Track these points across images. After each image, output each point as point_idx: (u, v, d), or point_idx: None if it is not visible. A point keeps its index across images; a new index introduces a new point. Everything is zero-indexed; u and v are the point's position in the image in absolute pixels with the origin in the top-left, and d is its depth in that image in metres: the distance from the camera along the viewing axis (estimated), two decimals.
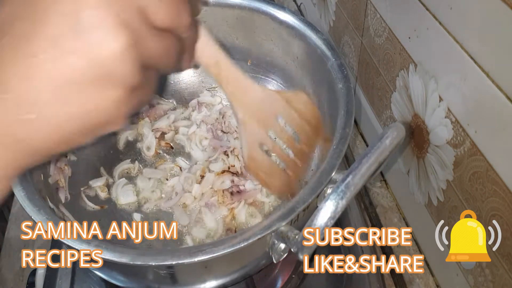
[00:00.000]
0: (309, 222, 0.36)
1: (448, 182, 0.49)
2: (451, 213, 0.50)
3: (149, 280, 0.45)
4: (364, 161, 0.38)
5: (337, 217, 0.36)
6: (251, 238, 0.39)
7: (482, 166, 0.43)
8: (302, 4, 0.96)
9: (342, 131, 0.47)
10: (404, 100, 0.56)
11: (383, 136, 0.39)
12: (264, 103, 0.48)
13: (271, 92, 0.50)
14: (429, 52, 0.49)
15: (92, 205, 0.58)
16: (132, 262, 0.38)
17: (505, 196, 0.40)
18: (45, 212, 0.42)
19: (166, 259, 0.38)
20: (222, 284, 0.46)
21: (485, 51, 0.40)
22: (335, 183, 0.42)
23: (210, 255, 0.38)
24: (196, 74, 0.70)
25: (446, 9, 0.44)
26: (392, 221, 0.64)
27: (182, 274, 0.44)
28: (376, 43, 0.61)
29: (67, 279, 0.55)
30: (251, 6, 0.63)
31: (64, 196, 0.54)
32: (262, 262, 0.47)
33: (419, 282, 0.58)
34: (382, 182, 0.69)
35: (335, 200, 0.36)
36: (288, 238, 0.38)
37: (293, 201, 0.41)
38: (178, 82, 0.70)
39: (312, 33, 0.58)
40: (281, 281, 0.55)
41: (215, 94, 0.70)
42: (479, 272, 0.47)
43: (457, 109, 0.45)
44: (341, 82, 0.52)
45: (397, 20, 0.55)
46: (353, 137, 0.75)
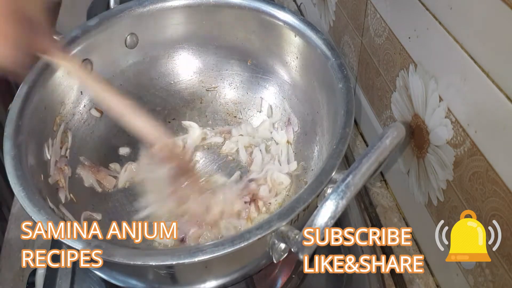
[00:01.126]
0: (309, 222, 0.36)
1: (448, 182, 0.49)
2: (451, 213, 0.50)
3: (149, 280, 0.45)
4: (364, 161, 0.38)
5: (337, 217, 0.36)
6: (251, 238, 0.39)
7: (482, 166, 0.43)
8: (302, 4, 0.96)
9: (342, 131, 0.47)
10: (404, 100, 0.56)
11: (383, 136, 0.39)
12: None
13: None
14: (429, 52, 0.49)
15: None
16: (133, 262, 0.38)
17: (505, 196, 0.40)
18: (46, 212, 0.42)
19: (166, 259, 0.38)
20: (222, 284, 0.46)
21: (485, 51, 0.40)
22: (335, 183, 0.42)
23: (210, 255, 0.38)
24: (195, 74, 0.70)
25: (446, 9, 0.44)
26: (392, 221, 0.64)
27: (182, 274, 0.44)
28: (376, 43, 0.61)
29: (67, 279, 0.55)
30: (251, 6, 0.63)
31: (64, 196, 0.54)
32: (262, 262, 0.47)
33: (419, 282, 0.58)
34: (382, 182, 0.69)
35: (335, 200, 0.36)
36: (288, 238, 0.38)
37: (293, 201, 0.41)
38: (177, 82, 0.70)
39: (312, 33, 0.58)
40: (281, 281, 0.55)
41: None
42: (479, 272, 0.47)
43: (457, 109, 0.45)
44: (341, 82, 0.52)
45: (397, 20, 0.55)
46: (353, 137, 0.75)
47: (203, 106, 0.71)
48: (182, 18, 0.66)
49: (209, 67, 0.70)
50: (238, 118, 0.70)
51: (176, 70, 0.70)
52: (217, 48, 0.69)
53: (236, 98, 0.70)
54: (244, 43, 0.67)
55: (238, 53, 0.68)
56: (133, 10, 0.63)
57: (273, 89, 0.67)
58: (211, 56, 0.69)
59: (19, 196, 0.43)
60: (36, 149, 0.52)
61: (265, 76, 0.68)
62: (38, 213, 0.42)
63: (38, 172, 0.50)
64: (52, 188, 0.53)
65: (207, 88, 0.71)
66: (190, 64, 0.70)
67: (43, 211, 0.42)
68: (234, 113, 0.70)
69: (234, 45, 0.68)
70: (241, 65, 0.69)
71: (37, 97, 0.53)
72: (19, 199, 0.43)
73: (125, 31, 0.63)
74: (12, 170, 0.45)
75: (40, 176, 0.50)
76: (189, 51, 0.69)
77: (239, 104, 0.70)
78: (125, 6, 0.63)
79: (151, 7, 0.63)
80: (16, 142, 0.48)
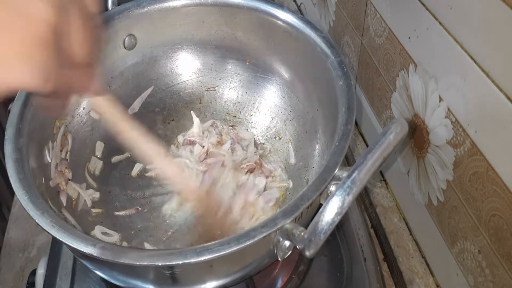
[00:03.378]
0: (316, 218, 0.36)
1: (448, 182, 0.49)
2: (451, 213, 0.50)
3: (150, 280, 0.45)
4: (369, 157, 0.38)
5: (343, 212, 0.36)
6: (257, 236, 0.39)
7: (482, 166, 0.43)
8: (302, 4, 0.96)
9: (344, 128, 0.47)
10: (404, 100, 0.56)
11: (387, 131, 0.39)
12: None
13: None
14: (429, 52, 0.49)
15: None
16: (139, 263, 0.38)
17: (505, 196, 0.40)
18: (49, 215, 0.42)
19: (173, 259, 0.38)
20: (223, 284, 0.46)
21: (485, 51, 0.40)
22: (338, 180, 0.43)
23: (216, 254, 0.38)
24: (195, 74, 0.70)
25: (446, 9, 0.44)
26: (392, 221, 0.64)
27: (185, 273, 0.44)
28: (376, 43, 0.61)
29: (67, 279, 0.55)
30: (250, 6, 0.63)
31: (65, 199, 0.54)
32: (266, 261, 0.47)
33: (419, 282, 0.58)
34: (382, 182, 0.69)
35: (342, 196, 0.36)
36: (293, 235, 0.38)
37: (297, 199, 0.42)
38: (176, 83, 0.70)
39: (311, 31, 0.58)
40: (281, 281, 0.55)
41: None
42: (479, 272, 0.47)
43: (457, 109, 0.45)
44: (342, 79, 0.52)
45: (397, 20, 0.55)
46: (353, 137, 0.75)
47: (202, 106, 0.71)
48: (181, 18, 0.66)
49: (208, 67, 0.70)
50: (237, 117, 0.70)
51: (175, 70, 0.70)
52: (215, 48, 0.69)
53: (236, 98, 0.70)
54: (243, 43, 0.67)
55: (237, 53, 0.68)
56: (131, 11, 0.62)
57: (273, 88, 0.67)
58: (210, 56, 0.69)
59: (22, 200, 0.43)
60: (37, 152, 0.51)
61: (265, 76, 0.68)
62: (41, 216, 0.42)
63: (39, 175, 0.50)
64: (53, 191, 0.53)
65: (206, 88, 0.71)
66: (189, 65, 0.70)
67: (47, 214, 0.42)
68: (233, 113, 0.70)
69: (233, 45, 0.67)
70: (240, 65, 0.69)
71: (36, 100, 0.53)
72: (22, 202, 0.43)
73: (123, 32, 0.63)
74: (14, 174, 0.45)
75: (41, 179, 0.50)
76: (188, 52, 0.69)
77: (238, 103, 0.70)
78: (123, 7, 0.62)
79: (149, 8, 0.63)
80: (17, 145, 0.48)
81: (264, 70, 0.67)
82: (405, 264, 0.60)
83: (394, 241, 0.62)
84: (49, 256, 0.58)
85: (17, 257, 0.67)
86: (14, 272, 0.65)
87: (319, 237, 0.36)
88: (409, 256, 0.60)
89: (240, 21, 0.65)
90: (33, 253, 0.67)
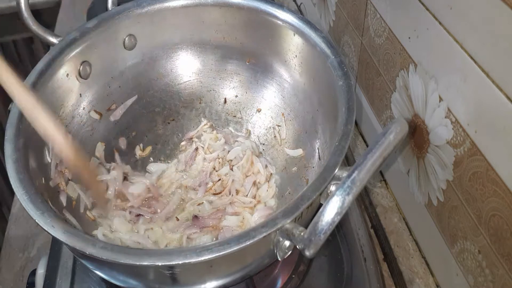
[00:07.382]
0: (316, 218, 0.36)
1: (448, 182, 0.49)
2: (451, 213, 0.50)
3: (150, 280, 0.45)
4: (369, 157, 0.38)
5: (343, 212, 0.36)
6: (257, 236, 0.39)
7: (482, 166, 0.43)
8: (302, 4, 0.96)
9: (344, 128, 0.47)
10: (404, 100, 0.56)
11: (387, 131, 0.40)
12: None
13: None
14: (429, 52, 0.49)
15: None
16: (139, 263, 0.38)
17: (505, 196, 0.40)
18: (49, 215, 0.42)
19: (173, 259, 0.38)
20: (223, 284, 0.46)
21: (485, 51, 0.40)
22: (338, 180, 0.43)
23: (216, 254, 0.38)
24: (195, 74, 0.70)
25: (446, 9, 0.44)
26: (392, 221, 0.64)
27: (185, 273, 0.44)
28: (376, 43, 0.61)
29: (67, 279, 0.55)
30: (250, 6, 0.63)
31: (66, 199, 0.54)
32: (266, 261, 0.47)
33: (419, 282, 0.58)
34: (382, 182, 0.69)
35: (342, 196, 0.36)
36: (294, 235, 0.39)
37: (297, 198, 0.42)
38: (176, 83, 0.70)
39: (311, 31, 0.58)
40: (281, 281, 0.55)
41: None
42: (479, 272, 0.47)
43: (457, 109, 0.45)
44: (342, 79, 0.52)
45: (397, 20, 0.55)
46: (353, 137, 0.75)
47: (202, 106, 0.71)
48: (181, 18, 0.66)
49: (208, 67, 0.70)
50: (237, 117, 0.70)
51: (175, 70, 0.69)
52: (216, 48, 0.69)
53: (236, 98, 0.70)
54: (243, 43, 0.67)
55: (237, 53, 0.68)
56: (131, 11, 0.62)
57: (273, 88, 0.67)
58: (210, 56, 0.69)
59: (22, 200, 0.43)
60: (37, 152, 0.51)
61: (264, 75, 0.68)
62: (42, 216, 0.42)
63: (39, 175, 0.50)
64: (53, 191, 0.53)
65: (207, 88, 0.71)
66: (189, 65, 0.69)
67: (47, 214, 0.42)
68: (233, 113, 0.70)
69: (233, 45, 0.67)
70: (240, 65, 0.69)
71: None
72: (22, 202, 0.43)
73: (123, 32, 0.63)
74: (14, 174, 0.45)
75: (41, 179, 0.50)
76: (188, 52, 0.69)
77: (238, 103, 0.70)
78: (123, 8, 0.62)
79: (149, 8, 0.63)
80: (17, 145, 0.48)
81: (264, 70, 0.67)
82: (405, 264, 0.60)
83: (394, 241, 0.62)
84: (49, 256, 0.58)
85: (17, 257, 0.67)
86: (14, 272, 0.65)
87: (319, 237, 0.36)
88: (409, 256, 0.60)
89: (240, 21, 0.65)
90: (33, 253, 0.67)
